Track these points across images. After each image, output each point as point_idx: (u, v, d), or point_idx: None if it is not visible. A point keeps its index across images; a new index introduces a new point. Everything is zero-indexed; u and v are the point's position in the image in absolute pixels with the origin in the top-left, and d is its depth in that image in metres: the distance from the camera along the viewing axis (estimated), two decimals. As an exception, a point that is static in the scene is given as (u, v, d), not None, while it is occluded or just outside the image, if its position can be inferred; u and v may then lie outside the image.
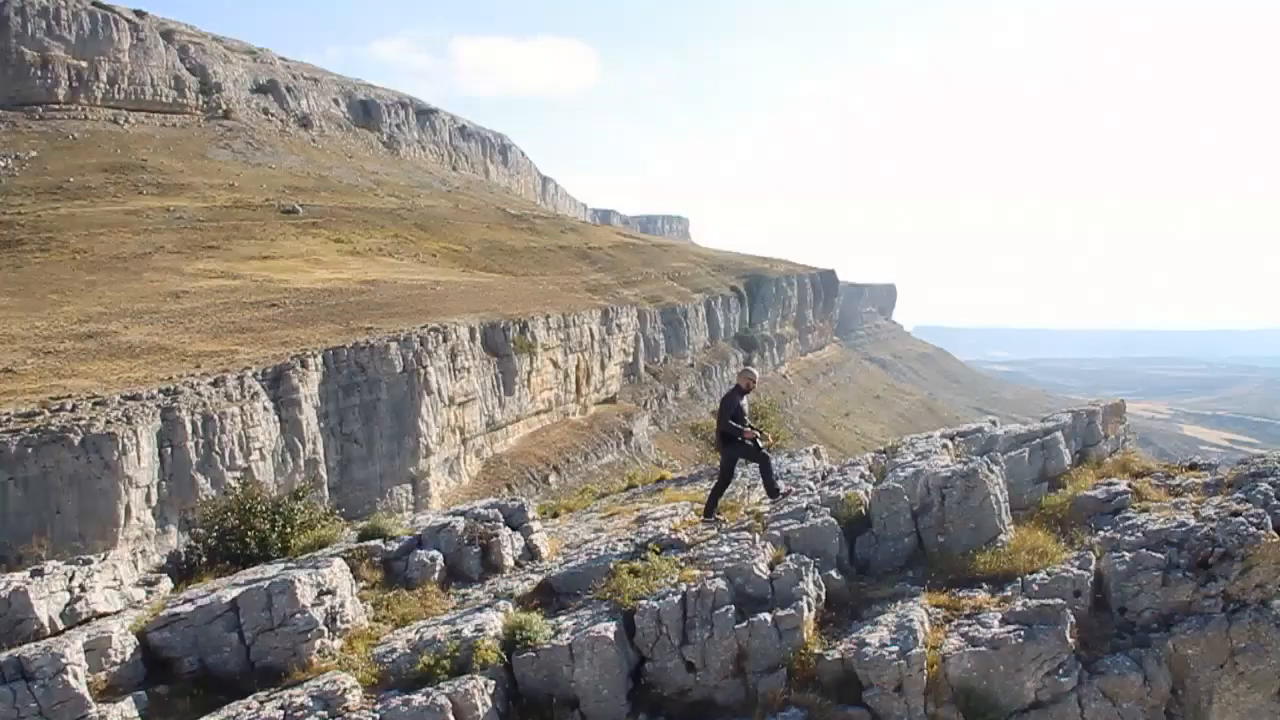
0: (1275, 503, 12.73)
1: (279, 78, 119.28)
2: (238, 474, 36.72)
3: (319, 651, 10.70)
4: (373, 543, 13.38)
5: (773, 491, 14.78)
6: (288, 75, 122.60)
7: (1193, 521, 12.29)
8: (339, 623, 11.22)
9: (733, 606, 10.94)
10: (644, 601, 11.01)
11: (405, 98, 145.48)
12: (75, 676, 9.57)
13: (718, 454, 25.19)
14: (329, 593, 11.26)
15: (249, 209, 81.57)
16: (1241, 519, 12.00)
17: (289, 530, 15.18)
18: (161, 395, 36.75)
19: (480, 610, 11.52)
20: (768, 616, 10.79)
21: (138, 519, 34.10)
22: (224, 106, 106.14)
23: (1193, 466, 15.52)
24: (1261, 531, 11.68)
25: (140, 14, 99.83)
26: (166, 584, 13.61)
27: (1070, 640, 10.71)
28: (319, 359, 46.32)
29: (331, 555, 12.66)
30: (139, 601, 12.50)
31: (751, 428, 14.62)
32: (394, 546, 13.33)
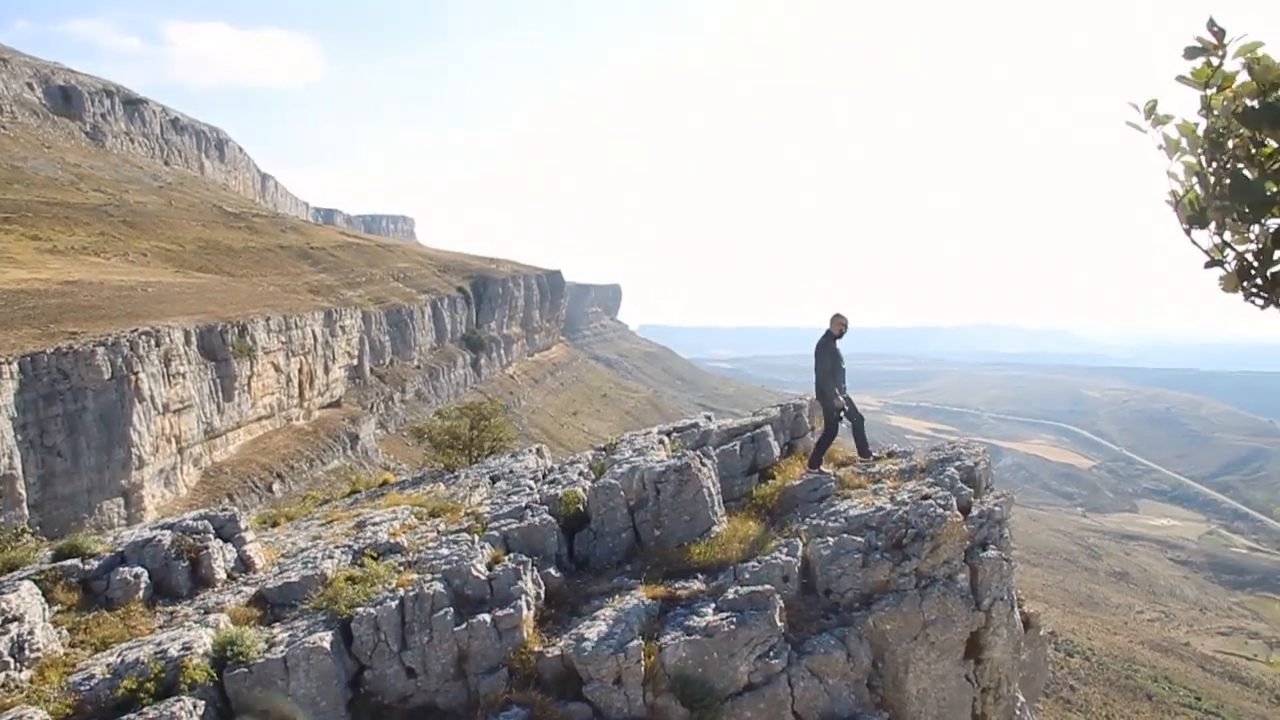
0: (960, 485, 13.83)
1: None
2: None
3: (4, 686, 9.94)
4: (69, 562, 12.52)
5: (864, 451, 15.99)
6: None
7: (889, 506, 13.15)
8: (28, 652, 10.42)
9: (451, 609, 10.90)
10: (361, 609, 10.82)
11: (111, 85, 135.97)
12: None
13: (444, 457, 25.06)
14: (16, 620, 10.46)
15: (-74, 203, 74.54)
16: (931, 501, 12.94)
17: (-29, 555, 13.94)
18: None
19: (189, 627, 11.00)
20: (487, 617, 10.80)
21: None
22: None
23: (891, 454, 16.58)
24: (948, 512, 12.63)
25: None
26: None
27: (780, 624, 11.21)
28: (14, 366, 43.05)
29: (20, 579, 11.77)
30: None
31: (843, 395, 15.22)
32: (94, 565, 12.52)
